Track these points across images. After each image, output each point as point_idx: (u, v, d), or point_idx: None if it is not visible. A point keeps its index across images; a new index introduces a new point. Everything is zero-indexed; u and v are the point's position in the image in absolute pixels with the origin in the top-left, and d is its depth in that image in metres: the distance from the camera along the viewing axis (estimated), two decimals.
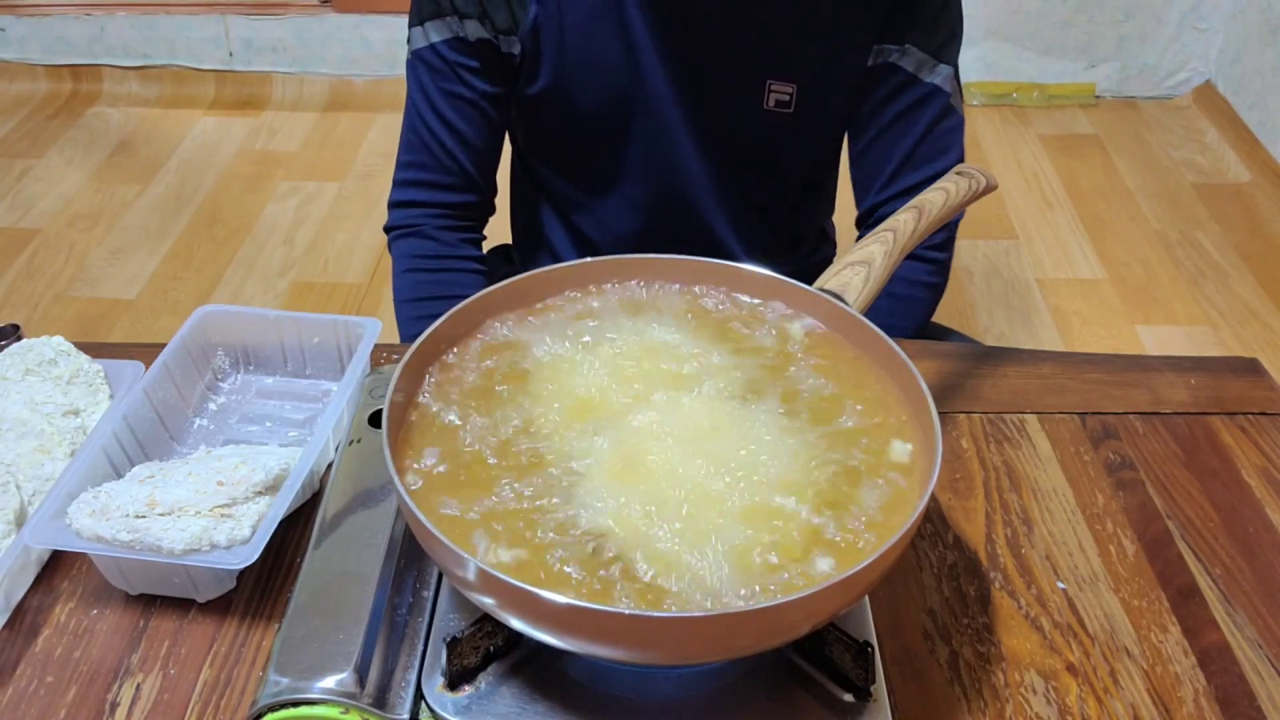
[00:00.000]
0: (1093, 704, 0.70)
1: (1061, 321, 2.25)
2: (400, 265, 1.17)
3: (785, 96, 1.08)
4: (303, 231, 2.54)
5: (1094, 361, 1.00)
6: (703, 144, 1.12)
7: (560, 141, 1.17)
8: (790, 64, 1.07)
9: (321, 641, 0.65)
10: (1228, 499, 0.86)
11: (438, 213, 1.16)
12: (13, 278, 2.38)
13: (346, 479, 0.77)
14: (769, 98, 1.08)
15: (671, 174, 1.14)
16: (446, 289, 1.15)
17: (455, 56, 1.08)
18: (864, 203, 1.17)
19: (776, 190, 1.19)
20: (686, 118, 1.10)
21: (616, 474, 0.65)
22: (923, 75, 1.07)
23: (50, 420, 0.84)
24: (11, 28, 3.12)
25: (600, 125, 1.12)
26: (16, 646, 0.74)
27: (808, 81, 1.08)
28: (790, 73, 1.07)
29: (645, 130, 1.11)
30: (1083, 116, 3.03)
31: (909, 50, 1.06)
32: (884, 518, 0.64)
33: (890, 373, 0.73)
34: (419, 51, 1.10)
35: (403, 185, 1.16)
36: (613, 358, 0.75)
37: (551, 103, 1.11)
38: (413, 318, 1.16)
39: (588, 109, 1.11)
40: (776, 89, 1.07)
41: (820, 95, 1.09)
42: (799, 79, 1.07)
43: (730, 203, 1.16)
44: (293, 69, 3.13)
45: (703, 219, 1.17)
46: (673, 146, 1.12)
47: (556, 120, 1.13)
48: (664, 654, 0.60)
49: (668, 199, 1.16)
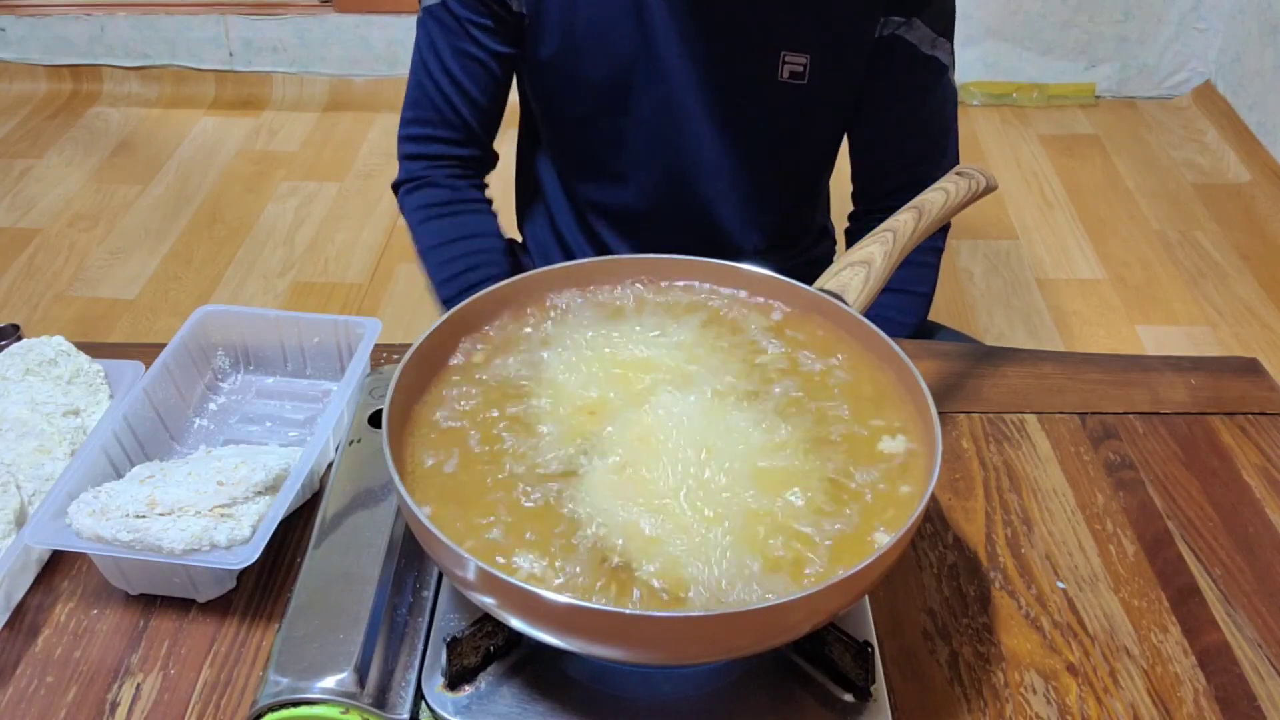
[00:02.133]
0: (1093, 704, 0.70)
1: (1061, 321, 2.25)
2: (416, 217, 1.18)
3: (799, 68, 1.08)
4: (303, 231, 2.54)
5: (1094, 361, 1.00)
6: (715, 118, 1.12)
7: (569, 112, 1.16)
8: (803, 35, 1.07)
9: (321, 641, 0.65)
10: (1228, 499, 0.86)
11: (446, 164, 1.18)
12: (13, 278, 2.38)
13: (346, 479, 0.77)
14: (783, 69, 1.08)
15: (682, 150, 1.14)
16: (468, 229, 1.17)
17: (466, 13, 1.09)
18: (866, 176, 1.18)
19: (788, 169, 1.19)
20: (699, 91, 1.10)
21: (618, 474, 0.65)
22: (926, 49, 1.09)
23: (50, 420, 0.84)
24: (11, 28, 3.12)
25: (610, 96, 1.11)
26: (16, 646, 0.74)
27: (821, 52, 1.08)
28: (803, 43, 1.07)
29: (656, 103, 1.11)
30: (1083, 116, 3.03)
31: (915, 24, 1.08)
32: (883, 518, 0.64)
33: (890, 373, 0.73)
34: (430, 7, 1.11)
35: (410, 140, 1.18)
36: (614, 357, 0.75)
37: (560, 69, 1.11)
38: (441, 262, 1.17)
39: (596, 78, 1.10)
40: (790, 60, 1.08)
41: (834, 66, 1.09)
42: (811, 50, 1.08)
43: (740, 183, 1.16)
44: (293, 69, 3.13)
45: (709, 201, 1.17)
46: (684, 121, 1.11)
47: (565, 88, 1.13)
48: (664, 654, 0.60)
49: (676, 177, 1.16)
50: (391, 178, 1.20)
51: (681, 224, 1.19)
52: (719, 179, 1.15)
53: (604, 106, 1.13)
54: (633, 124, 1.13)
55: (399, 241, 2.49)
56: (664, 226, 1.20)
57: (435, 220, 1.17)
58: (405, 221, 1.20)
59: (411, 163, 1.18)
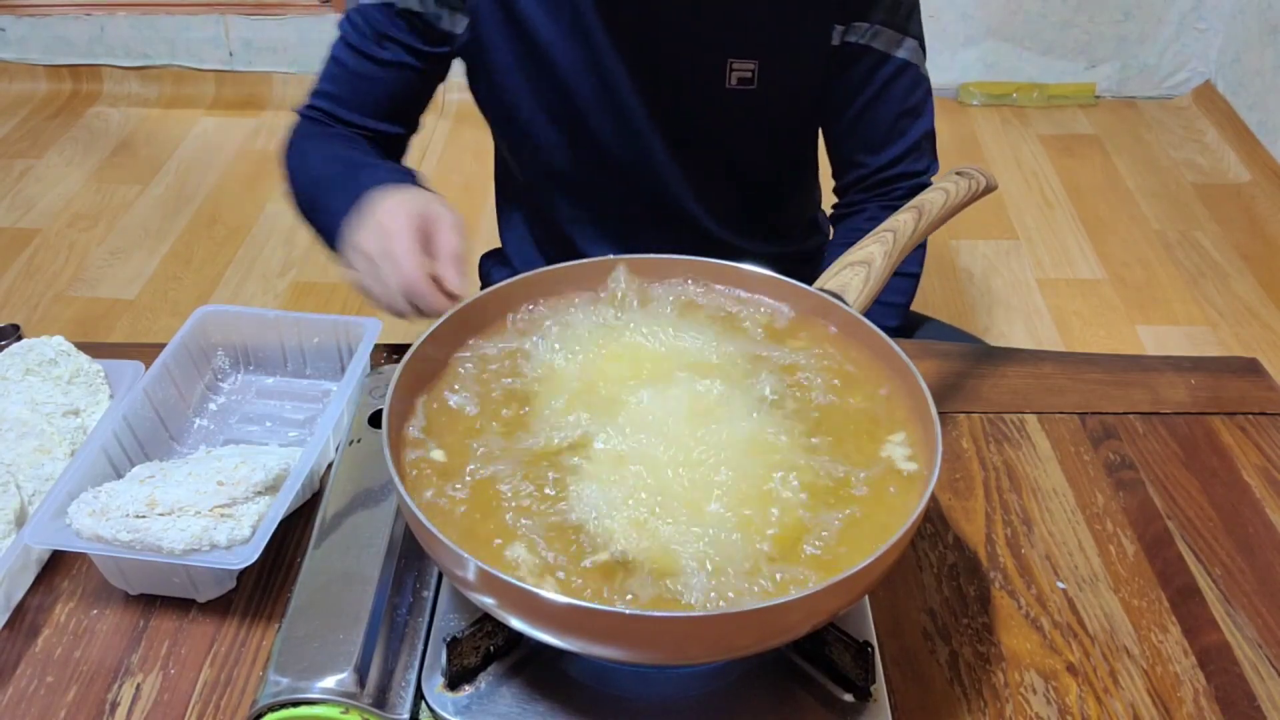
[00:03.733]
0: (1093, 704, 0.70)
1: (1061, 321, 2.25)
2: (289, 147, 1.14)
3: (748, 74, 1.07)
4: (302, 231, 2.52)
5: (1094, 361, 1.00)
6: (667, 129, 1.11)
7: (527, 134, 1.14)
8: (750, 41, 1.06)
9: (321, 641, 0.65)
10: (1228, 499, 0.86)
11: (350, 131, 1.15)
12: (13, 278, 2.38)
13: (346, 479, 0.77)
14: (731, 76, 1.07)
15: (641, 161, 1.13)
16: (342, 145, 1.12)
17: (382, 21, 1.09)
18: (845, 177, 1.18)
19: (747, 172, 1.18)
20: (648, 103, 1.09)
21: (617, 472, 0.65)
22: (892, 51, 1.08)
23: (50, 420, 0.84)
24: (11, 28, 3.12)
25: (562, 114, 1.10)
26: (16, 646, 0.74)
27: (770, 57, 1.07)
28: (751, 49, 1.06)
29: (608, 117, 1.10)
30: (1083, 116, 3.03)
31: (879, 31, 1.07)
32: (883, 517, 0.64)
33: (890, 372, 0.73)
34: (349, 13, 1.11)
35: (313, 106, 1.15)
36: (613, 357, 0.75)
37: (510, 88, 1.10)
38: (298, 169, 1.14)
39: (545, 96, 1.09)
40: (738, 67, 1.07)
41: (783, 70, 1.08)
42: (760, 55, 1.07)
43: (703, 188, 1.15)
44: (293, 69, 3.13)
45: (679, 204, 1.16)
46: (638, 135, 1.10)
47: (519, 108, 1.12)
48: (664, 654, 0.60)
49: (642, 187, 1.15)
50: None
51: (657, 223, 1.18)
52: (681, 186, 1.15)
53: (560, 124, 1.11)
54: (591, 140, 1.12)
55: None
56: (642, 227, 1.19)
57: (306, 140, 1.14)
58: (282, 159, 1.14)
59: (310, 119, 1.14)
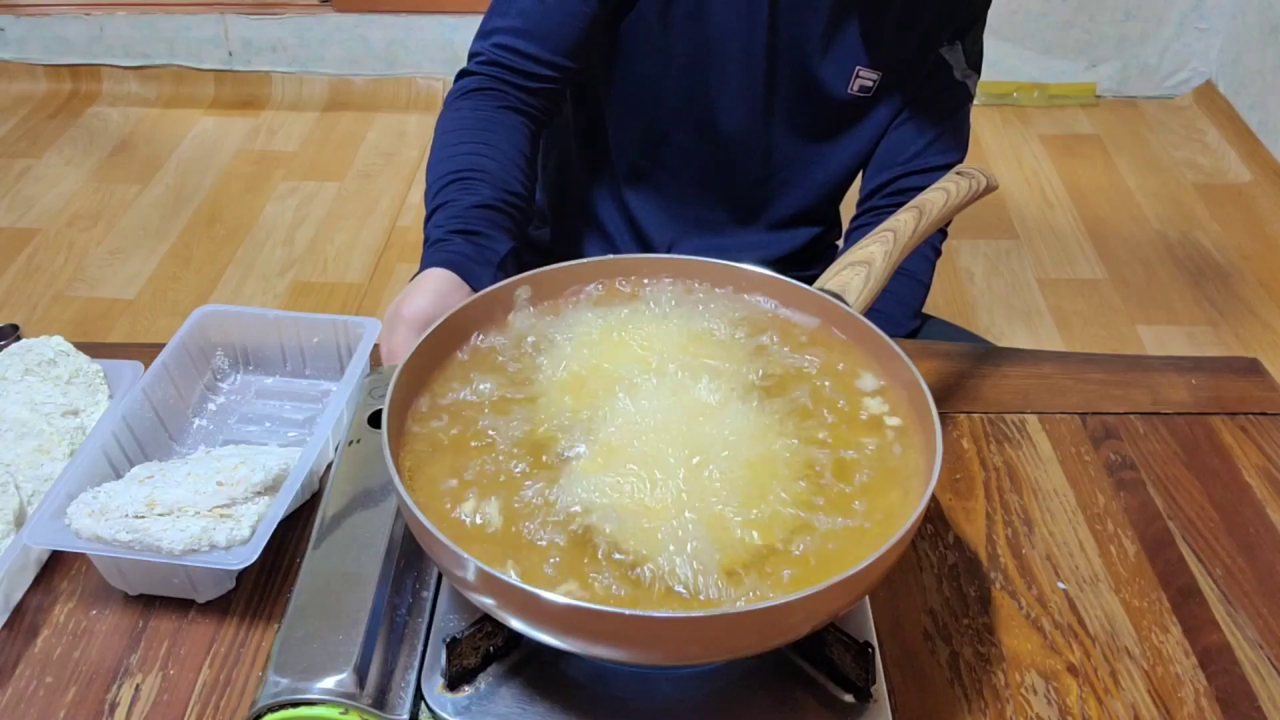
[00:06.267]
0: (1093, 704, 0.70)
1: (1061, 321, 2.25)
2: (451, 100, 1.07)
3: (870, 83, 1.11)
4: (302, 231, 2.54)
5: (1094, 361, 1.00)
6: (782, 116, 1.13)
7: (648, 91, 1.12)
8: (882, 54, 1.10)
9: (321, 642, 0.65)
10: (1228, 499, 0.86)
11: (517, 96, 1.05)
12: (12, 278, 2.38)
13: (346, 479, 0.77)
14: (854, 83, 1.11)
15: (741, 137, 1.13)
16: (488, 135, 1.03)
17: None
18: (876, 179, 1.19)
19: (834, 173, 1.20)
20: (770, 88, 1.11)
21: (617, 472, 0.65)
22: (959, 76, 1.14)
23: (50, 420, 0.84)
24: (11, 28, 3.12)
25: (694, 71, 1.09)
26: (16, 646, 0.74)
27: (892, 70, 1.11)
28: (879, 61, 1.10)
29: (731, 86, 1.10)
30: (1083, 116, 3.03)
31: (956, 48, 1.12)
32: (884, 518, 0.64)
33: (890, 373, 0.73)
34: None
35: (499, 45, 1.05)
36: (615, 356, 0.74)
37: (652, 35, 1.07)
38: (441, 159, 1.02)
39: (683, 46, 1.08)
40: (863, 75, 1.10)
41: (899, 83, 1.13)
42: (884, 67, 1.10)
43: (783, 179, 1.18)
44: (292, 69, 3.13)
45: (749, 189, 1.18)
46: (752, 113, 1.12)
47: (652, 62, 1.10)
48: (664, 654, 0.60)
49: (725, 166, 1.16)
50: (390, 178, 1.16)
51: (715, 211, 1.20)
52: (761, 165, 1.16)
53: (682, 88, 1.10)
54: (707, 99, 1.11)
55: (399, 241, 2.49)
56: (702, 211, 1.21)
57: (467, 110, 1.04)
58: None
59: (482, 72, 1.05)
